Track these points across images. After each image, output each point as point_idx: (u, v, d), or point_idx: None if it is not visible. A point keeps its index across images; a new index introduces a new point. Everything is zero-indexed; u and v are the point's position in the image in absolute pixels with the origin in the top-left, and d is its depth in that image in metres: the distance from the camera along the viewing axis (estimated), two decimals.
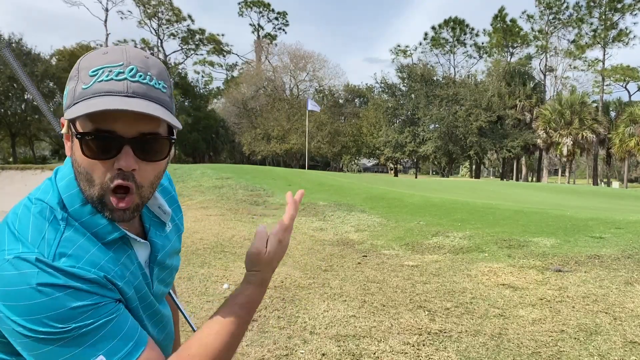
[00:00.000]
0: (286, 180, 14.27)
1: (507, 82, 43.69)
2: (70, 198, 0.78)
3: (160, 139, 0.77)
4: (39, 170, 16.73)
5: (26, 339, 0.70)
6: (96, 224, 0.78)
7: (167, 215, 0.95)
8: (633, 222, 7.27)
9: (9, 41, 32.22)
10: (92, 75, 0.73)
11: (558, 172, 52.67)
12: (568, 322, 3.73)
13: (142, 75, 0.74)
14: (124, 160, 0.73)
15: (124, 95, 0.72)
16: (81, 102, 0.72)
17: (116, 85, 0.72)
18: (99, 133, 0.72)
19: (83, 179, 0.76)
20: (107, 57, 0.74)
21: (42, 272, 0.69)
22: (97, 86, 0.72)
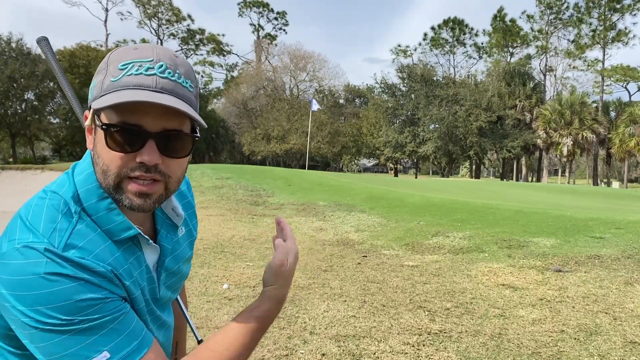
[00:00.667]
0: (286, 180, 14.27)
1: (507, 82, 43.69)
2: (86, 193, 0.78)
3: (184, 135, 0.77)
4: (39, 170, 16.73)
5: (32, 330, 0.69)
6: (111, 220, 0.78)
7: (180, 218, 0.94)
8: (633, 222, 7.27)
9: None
10: (122, 69, 0.73)
11: (558, 172, 52.68)
12: (568, 322, 3.73)
13: (170, 72, 0.74)
14: (147, 155, 0.73)
15: (152, 90, 0.72)
16: (109, 94, 0.72)
17: (145, 79, 0.72)
18: (124, 125, 0.72)
19: (99, 170, 0.76)
20: (137, 52, 0.75)
21: (50, 262, 0.69)
22: (126, 79, 0.72)
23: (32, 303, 0.68)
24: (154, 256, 0.88)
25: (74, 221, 0.74)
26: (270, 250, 6.40)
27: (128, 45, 0.78)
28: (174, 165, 0.77)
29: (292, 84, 52.61)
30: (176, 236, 0.94)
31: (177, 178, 0.79)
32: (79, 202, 0.77)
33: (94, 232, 0.75)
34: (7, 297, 0.69)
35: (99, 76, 0.76)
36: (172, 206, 0.92)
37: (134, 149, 0.73)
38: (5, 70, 31.30)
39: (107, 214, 0.77)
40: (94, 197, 0.78)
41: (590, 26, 45.64)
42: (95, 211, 0.77)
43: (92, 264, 0.71)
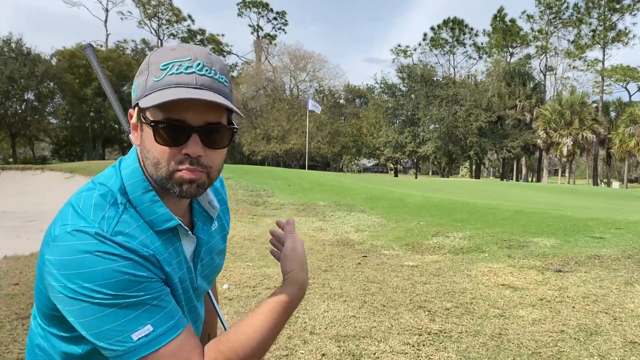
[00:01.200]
0: (286, 180, 14.27)
1: (507, 82, 43.69)
2: (132, 186, 0.84)
3: (224, 128, 0.83)
4: (39, 170, 16.72)
5: (81, 304, 0.74)
6: (154, 212, 0.84)
7: (216, 210, 0.99)
8: (633, 222, 7.27)
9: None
10: (163, 69, 0.79)
11: (558, 172, 52.69)
12: (568, 323, 3.73)
13: (207, 69, 0.80)
14: (192, 147, 0.79)
15: (193, 87, 0.78)
16: (154, 93, 0.78)
17: (186, 77, 0.78)
18: (170, 122, 0.78)
19: (151, 164, 0.82)
20: (175, 52, 0.80)
21: (101, 243, 0.75)
22: (168, 79, 0.78)
23: (83, 280, 0.73)
24: (191, 247, 0.93)
25: (120, 211, 0.80)
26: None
27: (166, 46, 0.85)
28: (215, 156, 0.83)
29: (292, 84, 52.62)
30: (211, 228, 1.00)
31: (217, 168, 0.85)
32: (125, 194, 0.83)
33: (137, 222, 0.82)
34: (57, 277, 0.75)
35: (141, 77, 0.82)
36: (208, 199, 0.98)
37: (180, 142, 0.79)
38: (5, 70, 31.27)
39: (151, 205, 0.84)
40: (139, 190, 0.84)
41: (590, 26, 45.67)
42: (140, 203, 0.83)
43: (138, 248, 0.78)
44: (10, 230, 8.35)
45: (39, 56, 33.82)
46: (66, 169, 16.03)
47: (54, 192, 13.38)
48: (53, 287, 0.76)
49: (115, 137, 44.27)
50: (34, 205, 11.59)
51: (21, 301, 4.06)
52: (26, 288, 4.46)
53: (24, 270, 5.15)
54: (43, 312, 0.86)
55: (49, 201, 12.00)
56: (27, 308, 3.89)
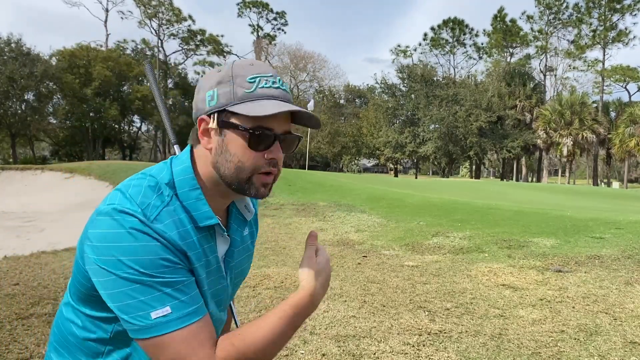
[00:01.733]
0: (286, 180, 14.27)
1: (507, 82, 43.69)
2: (181, 182, 0.90)
3: (296, 137, 0.94)
4: (39, 170, 16.71)
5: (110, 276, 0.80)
6: (198, 208, 0.90)
7: (251, 214, 1.06)
8: (633, 223, 7.28)
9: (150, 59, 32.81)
10: (252, 82, 0.87)
11: (558, 172, 52.69)
12: (568, 323, 3.73)
13: (284, 84, 0.91)
14: (276, 153, 0.89)
15: (281, 100, 0.87)
16: (251, 102, 0.86)
17: (276, 92, 0.88)
18: (264, 129, 0.87)
19: (232, 166, 0.88)
20: (256, 68, 0.89)
21: (141, 224, 0.81)
22: (261, 91, 0.87)
23: (117, 253, 0.80)
24: (224, 247, 0.98)
25: (166, 202, 0.86)
26: (270, 250, 6.41)
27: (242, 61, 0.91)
28: (282, 160, 0.93)
29: (292, 84, 52.62)
30: (244, 232, 1.06)
31: (280, 170, 0.94)
32: (174, 188, 0.89)
33: (180, 215, 0.87)
34: (95, 248, 0.82)
35: (224, 87, 0.88)
36: (244, 203, 1.04)
37: (267, 147, 0.88)
38: (4, 70, 31.26)
39: (196, 202, 0.90)
40: (187, 187, 0.90)
41: (591, 26, 45.65)
42: (187, 198, 0.90)
43: (173, 238, 0.84)
44: (10, 230, 8.35)
45: (39, 56, 33.80)
46: (66, 169, 16.02)
47: (53, 192, 13.39)
48: (90, 258, 0.83)
49: (115, 137, 44.29)
50: (34, 205, 11.59)
51: (21, 301, 4.06)
52: (26, 288, 4.46)
53: (24, 270, 5.14)
54: (78, 292, 0.93)
55: (49, 201, 12.00)
56: (27, 308, 3.89)
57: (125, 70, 40.30)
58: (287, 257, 6.03)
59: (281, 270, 5.25)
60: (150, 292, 0.80)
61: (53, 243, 6.81)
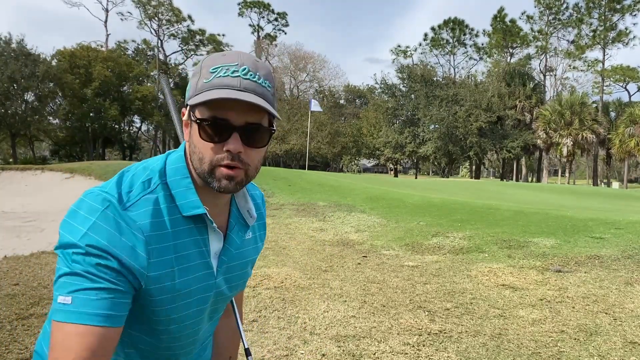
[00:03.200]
0: (286, 180, 14.27)
1: (507, 82, 43.68)
2: (173, 170, 0.91)
3: (263, 128, 0.88)
4: (39, 170, 16.71)
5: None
6: (186, 197, 0.89)
7: (253, 219, 1.04)
8: (633, 223, 7.27)
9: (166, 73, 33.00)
10: (212, 72, 0.85)
11: (558, 172, 52.69)
12: (568, 323, 3.73)
13: (252, 74, 0.86)
14: (232, 144, 0.85)
15: (237, 89, 0.84)
16: (202, 93, 0.85)
17: (231, 80, 0.84)
18: (214, 120, 0.85)
19: (196, 158, 0.88)
20: (225, 58, 0.87)
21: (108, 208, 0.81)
22: (216, 81, 0.85)
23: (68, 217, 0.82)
24: (217, 244, 0.97)
25: (148, 191, 0.87)
26: (270, 250, 6.41)
27: (218, 52, 0.91)
28: (253, 155, 0.89)
29: (292, 85, 52.67)
30: (245, 236, 1.04)
31: (255, 166, 0.90)
32: (164, 176, 0.90)
33: (164, 204, 0.87)
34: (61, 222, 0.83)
35: (194, 78, 0.89)
36: (248, 207, 1.04)
37: (222, 139, 0.85)
38: (5, 70, 31.26)
39: (185, 191, 0.90)
40: (178, 175, 0.91)
41: (591, 26, 45.65)
42: (177, 186, 0.90)
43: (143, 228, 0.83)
44: (10, 230, 8.35)
45: (40, 57, 33.80)
46: (66, 169, 16.02)
47: (54, 192, 13.39)
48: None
49: (115, 137, 44.29)
50: (34, 205, 11.59)
51: (21, 301, 4.06)
52: (26, 288, 4.46)
53: (24, 271, 5.14)
54: None
55: (49, 201, 12.00)
56: (27, 308, 3.89)
57: (125, 70, 40.31)
58: (287, 257, 6.03)
59: (281, 270, 5.25)
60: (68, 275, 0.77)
61: (53, 243, 6.80)
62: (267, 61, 54.68)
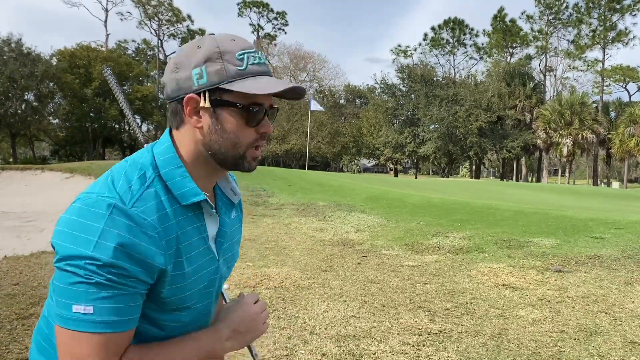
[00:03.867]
0: (286, 180, 14.27)
1: (507, 82, 43.68)
2: (164, 161, 0.89)
3: (277, 109, 0.96)
4: (39, 170, 16.71)
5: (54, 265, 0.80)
6: (183, 186, 0.88)
7: (237, 197, 1.06)
8: (633, 222, 7.27)
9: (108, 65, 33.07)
10: (241, 59, 0.86)
11: (558, 172, 52.68)
12: (568, 323, 3.73)
13: (265, 58, 0.91)
14: (267, 127, 0.91)
15: (270, 76, 0.89)
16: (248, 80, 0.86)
17: (264, 67, 0.89)
18: (258, 106, 0.88)
19: (229, 144, 0.89)
20: (239, 43, 0.88)
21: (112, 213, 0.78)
22: (252, 68, 0.87)
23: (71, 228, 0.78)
24: (213, 228, 0.97)
25: (146, 185, 0.85)
26: (270, 250, 6.41)
27: (221, 36, 0.89)
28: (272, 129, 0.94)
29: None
30: (232, 215, 1.05)
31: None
32: (156, 169, 0.88)
33: (162, 197, 0.86)
34: (55, 232, 0.80)
35: (214, 64, 0.85)
36: (230, 186, 1.05)
37: (259, 122, 0.90)
38: (5, 70, 31.25)
39: (181, 180, 0.89)
40: (170, 165, 0.89)
41: (590, 26, 45.65)
42: (171, 177, 0.88)
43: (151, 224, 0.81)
44: (10, 230, 8.35)
45: (39, 56, 33.79)
46: (66, 169, 16.02)
47: (54, 192, 13.38)
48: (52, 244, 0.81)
49: (115, 137, 44.28)
50: (34, 205, 11.59)
51: (21, 301, 4.06)
52: (26, 288, 4.46)
53: (24, 271, 5.15)
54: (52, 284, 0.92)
55: (48, 201, 12.00)
56: (27, 308, 3.89)
57: (125, 70, 40.30)
58: (287, 257, 6.03)
59: (281, 270, 5.25)
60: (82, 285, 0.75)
61: None
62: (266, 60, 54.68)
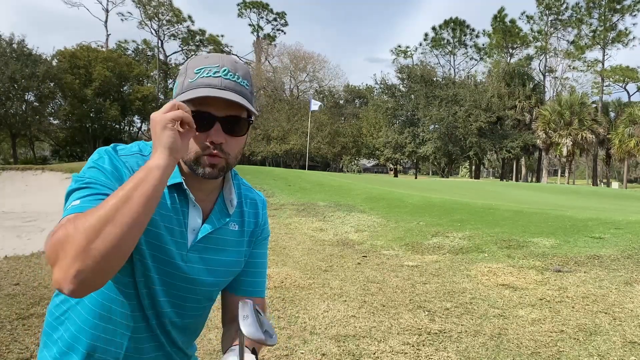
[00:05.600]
0: (286, 180, 14.27)
1: (507, 82, 43.66)
2: (147, 148, 1.04)
3: (242, 120, 1.00)
4: (39, 170, 16.71)
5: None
6: None
7: (232, 207, 1.11)
8: (633, 223, 7.28)
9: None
10: (197, 73, 0.97)
11: (557, 172, 52.68)
12: (568, 323, 3.73)
13: (232, 74, 0.98)
14: (215, 136, 0.96)
15: (218, 88, 0.95)
16: (188, 91, 0.96)
17: (213, 80, 0.96)
18: (198, 112, 0.94)
19: None
20: (208, 60, 0.99)
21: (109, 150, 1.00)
22: (200, 80, 0.96)
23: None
24: (196, 220, 1.04)
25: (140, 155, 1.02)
26: (270, 250, 6.40)
27: (202, 54, 1.02)
28: (234, 144, 0.99)
29: (292, 85, 52.69)
30: (228, 225, 1.10)
31: (235, 155, 1.01)
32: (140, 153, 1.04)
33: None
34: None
35: (180, 78, 1.01)
36: (230, 198, 1.11)
37: (205, 129, 0.95)
38: (6, 71, 31.24)
39: None
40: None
41: (590, 27, 45.65)
42: None
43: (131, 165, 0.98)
44: (10, 230, 8.36)
45: (40, 57, 33.79)
46: (66, 169, 16.02)
47: (54, 192, 13.38)
48: None
49: (116, 137, 44.25)
50: (34, 206, 11.59)
51: (21, 301, 4.07)
52: (26, 288, 4.47)
53: (25, 271, 5.15)
54: None
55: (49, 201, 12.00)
56: (27, 308, 3.90)
57: (125, 70, 40.30)
58: (287, 257, 6.04)
59: (281, 270, 5.26)
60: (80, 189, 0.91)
61: None
62: (267, 61, 54.74)
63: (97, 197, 0.89)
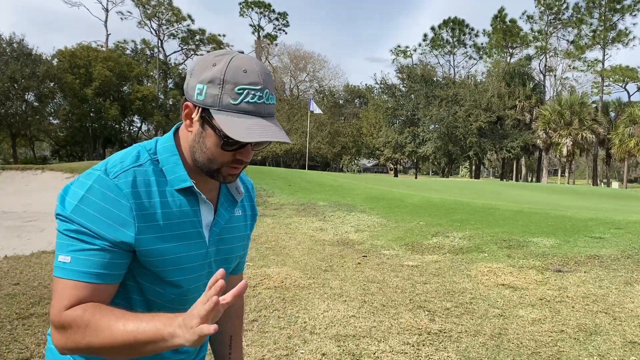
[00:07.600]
0: (286, 180, 14.27)
1: (507, 82, 43.64)
2: (163, 148, 1.01)
3: (267, 143, 0.97)
4: (39, 170, 16.70)
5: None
6: (174, 172, 1.00)
7: (241, 195, 1.13)
8: (633, 223, 7.28)
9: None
10: (239, 93, 0.90)
11: (558, 172, 52.68)
12: (568, 322, 3.73)
13: (272, 96, 0.95)
14: (246, 155, 0.97)
15: (262, 117, 0.92)
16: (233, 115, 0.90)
17: (258, 107, 0.92)
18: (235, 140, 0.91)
19: (205, 157, 0.97)
20: (249, 77, 0.91)
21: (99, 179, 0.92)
22: (245, 106, 0.91)
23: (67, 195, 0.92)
24: (208, 216, 1.06)
25: (137, 164, 0.97)
26: (270, 250, 6.41)
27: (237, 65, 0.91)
28: (251, 154, 1.00)
29: (292, 85, 52.70)
30: (234, 212, 1.13)
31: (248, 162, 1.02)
32: (155, 154, 1.00)
33: (150, 177, 0.97)
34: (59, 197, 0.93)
35: (213, 88, 0.91)
36: (236, 186, 1.13)
37: (237, 149, 0.95)
38: (6, 70, 31.22)
39: (174, 167, 1.00)
40: (167, 153, 1.01)
41: (591, 27, 45.63)
42: (167, 163, 1.00)
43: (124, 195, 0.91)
44: (10, 230, 8.36)
45: (41, 57, 33.77)
46: (66, 169, 16.02)
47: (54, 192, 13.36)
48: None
49: (116, 137, 44.26)
50: (34, 205, 11.59)
51: (21, 301, 4.07)
52: (26, 288, 4.47)
53: (25, 270, 5.15)
54: None
55: (49, 201, 11.99)
56: (27, 308, 3.90)
57: (125, 70, 40.28)
58: (287, 257, 6.04)
59: (281, 270, 5.26)
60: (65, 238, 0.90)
61: (53, 243, 6.80)
62: (267, 61, 54.73)
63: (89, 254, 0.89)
